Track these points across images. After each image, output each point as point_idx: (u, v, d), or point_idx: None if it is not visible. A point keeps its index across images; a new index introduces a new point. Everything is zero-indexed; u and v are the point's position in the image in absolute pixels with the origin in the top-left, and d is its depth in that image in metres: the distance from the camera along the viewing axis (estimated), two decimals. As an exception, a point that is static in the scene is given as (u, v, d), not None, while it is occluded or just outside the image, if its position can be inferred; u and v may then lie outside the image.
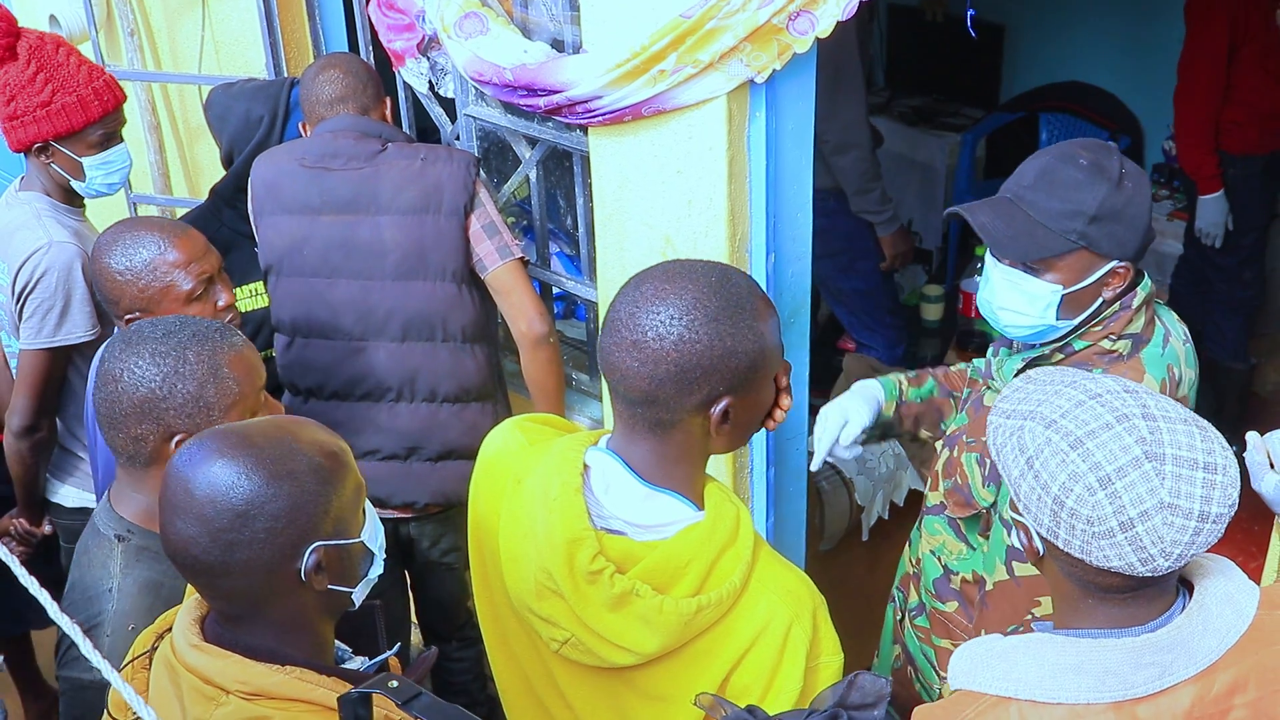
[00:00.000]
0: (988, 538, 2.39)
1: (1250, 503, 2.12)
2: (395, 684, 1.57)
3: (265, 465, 1.59)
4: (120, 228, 2.67)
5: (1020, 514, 1.66)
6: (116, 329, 2.80)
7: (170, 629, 1.74)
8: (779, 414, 1.81)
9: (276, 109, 3.32)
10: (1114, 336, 2.22)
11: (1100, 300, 2.22)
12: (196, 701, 1.62)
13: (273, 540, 1.58)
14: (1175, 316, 2.35)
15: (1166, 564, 1.53)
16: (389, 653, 1.79)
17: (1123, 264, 2.19)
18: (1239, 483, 1.55)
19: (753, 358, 1.70)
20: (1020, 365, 2.30)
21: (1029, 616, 2.31)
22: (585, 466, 1.80)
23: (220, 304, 2.65)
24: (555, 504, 1.74)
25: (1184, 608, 1.62)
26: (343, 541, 1.66)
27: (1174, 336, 2.28)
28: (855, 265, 4.70)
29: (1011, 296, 2.25)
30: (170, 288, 2.58)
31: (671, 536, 1.75)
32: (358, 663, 1.78)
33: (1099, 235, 2.16)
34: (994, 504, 2.33)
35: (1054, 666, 1.60)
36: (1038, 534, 1.63)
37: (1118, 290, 2.21)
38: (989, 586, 2.38)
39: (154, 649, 1.75)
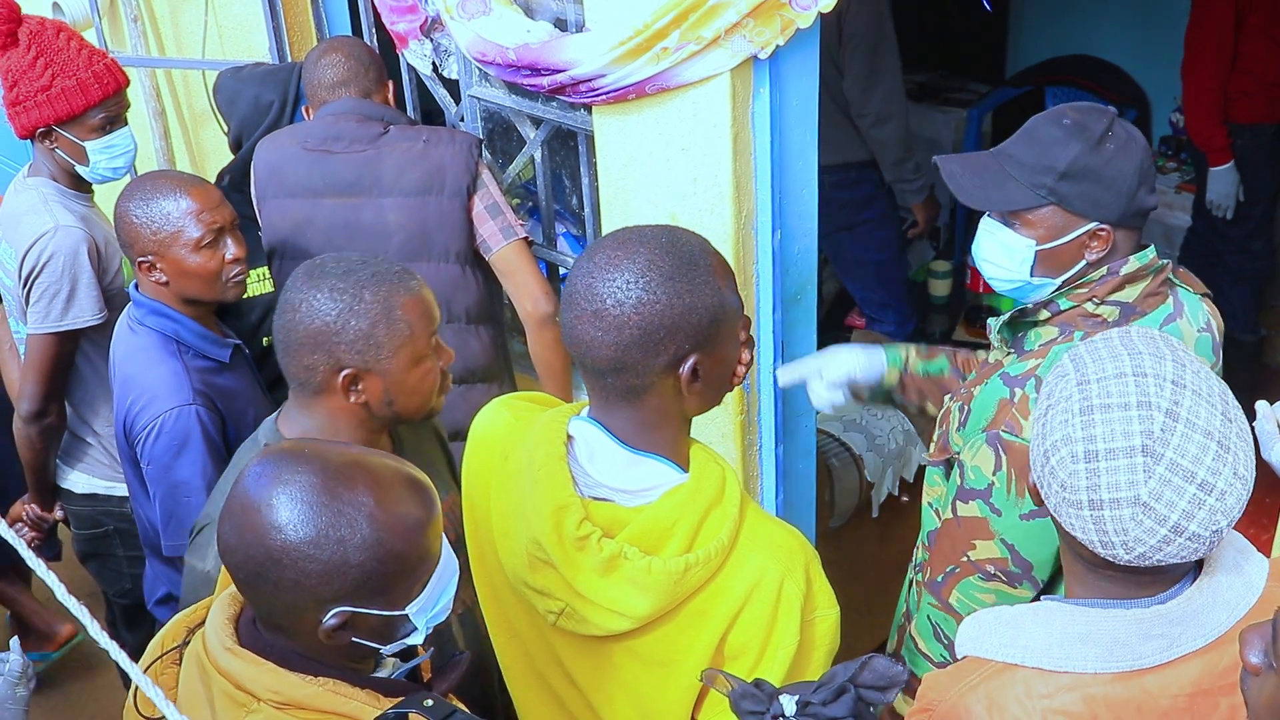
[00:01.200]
0: None
1: (1262, 474, 2.11)
2: (430, 703, 1.56)
3: (319, 521, 1.51)
4: (143, 177, 2.77)
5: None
6: (124, 312, 2.82)
7: (202, 623, 1.72)
8: (741, 370, 1.82)
9: (286, 94, 3.32)
10: (1098, 300, 2.20)
11: (1083, 263, 2.20)
12: (227, 706, 1.60)
13: (297, 591, 1.53)
14: (1204, 307, 2.31)
15: (1127, 557, 1.51)
16: (423, 657, 1.74)
17: (1103, 227, 2.17)
18: (1234, 511, 1.51)
19: (713, 312, 1.71)
20: (1005, 319, 2.30)
21: (965, 558, 2.30)
22: (569, 437, 1.81)
23: (229, 256, 2.72)
24: (540, 474, 1.76)
25: (1194, 580, 1.62)
26: (377, 612, 1.57)
27: (1185, 319, 2.24)
28: (874, 235, 4.76)
29: (991, 247, 2.27)
30: (180, 233, 2.66)
31: (656, 499, 1.76)
32: (389, 667, 1.73)
33: (1070, 193, 2.15)
34: (960, 450, 2.34)
35: (1062, 635, 1.59)
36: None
37: (1100, 254, 2.19)
38: (938, 525, 2.40)
39: (185, 643, 1.72)
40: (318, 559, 1.51)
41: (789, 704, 1.53)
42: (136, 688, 1.72)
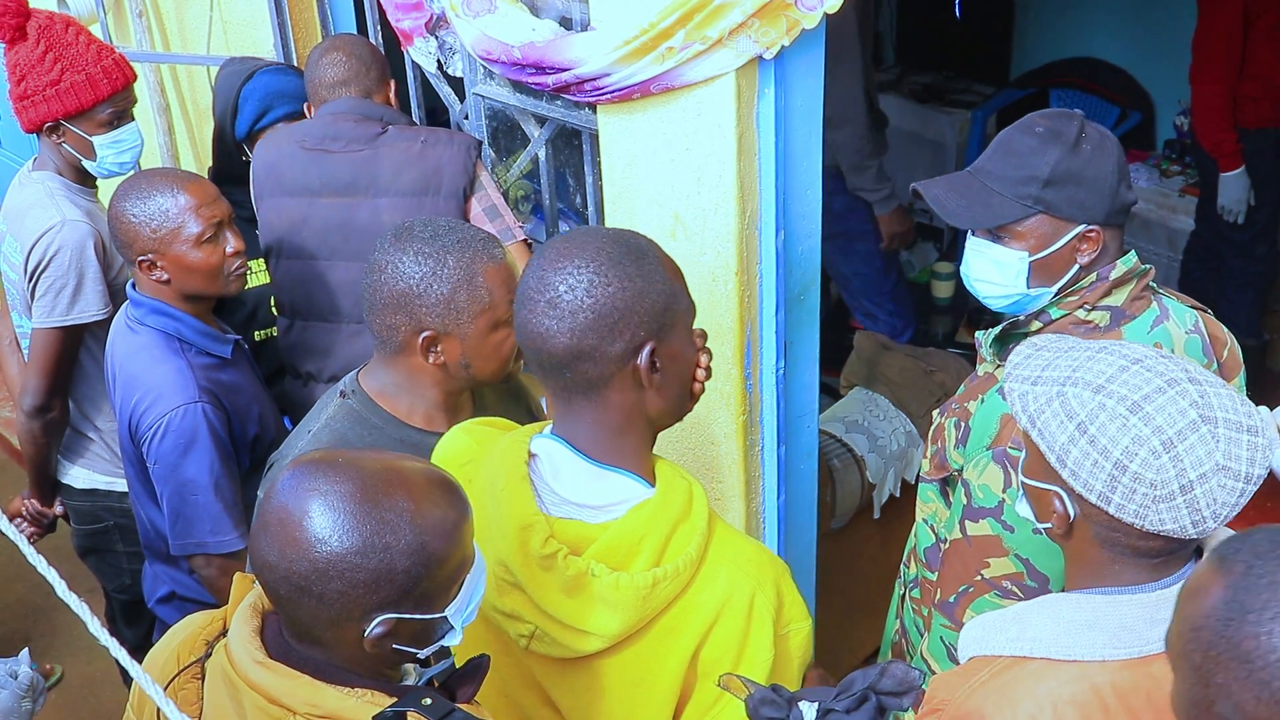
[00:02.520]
0: None
1: (1265, 481, 2.11)
2: (429, 701, 1.54)
3: (363, 530, 1.50)
4: (136, 176, 2.77)
5: (1042, 481, 1.66)
6: (121, 311, 2.82)
7: (220, 635, 1.70)
8: (701, 373, 1.82)
9: (229, 97, 3.31)
10: (1089, 306, 2.21)
11: (1076, 267, 2.21)
12: None
13: (343, 602, 1.51)
14: (1187, 311, 2.31)
15: (1214, 525, 1.56)
16: (445, 663, 1.73)
17: (1091, 228, 2.18)
18: (1271, 446, 1.57)
19: (666, 298, 1.72)
20: (997, 332, 2.31)
21: (978, 577, 2.31)
22: (532, 455, 1.80)
23: (229, 250, 2.73)
24: (502, 494, 1.75)
25: (1195, 566, 1.63)
26: (420, 616, 1.57)
27: (1172, 322, 2.25)
28: (854, 247, 4.66)
29: (983, 267, 2.27)
30: (180, 229, 2.66)
31: (623, 515, 1.74)
32: (413, 676, 1.71)
33: (1056, 199, 2.17)
34: (961, 467, 2.33)
35: (1069, 624, 1.59)
36: (1076, 500, 1.62)
37: (1092, 255, 2.20)
38: (946, 545, 2.40)
39: (206, 656, 1.69)
40: (365, 568, 1.50)
41: (809, 711, 1.53)
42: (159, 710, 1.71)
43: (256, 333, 3.33)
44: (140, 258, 2.68)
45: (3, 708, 2.25)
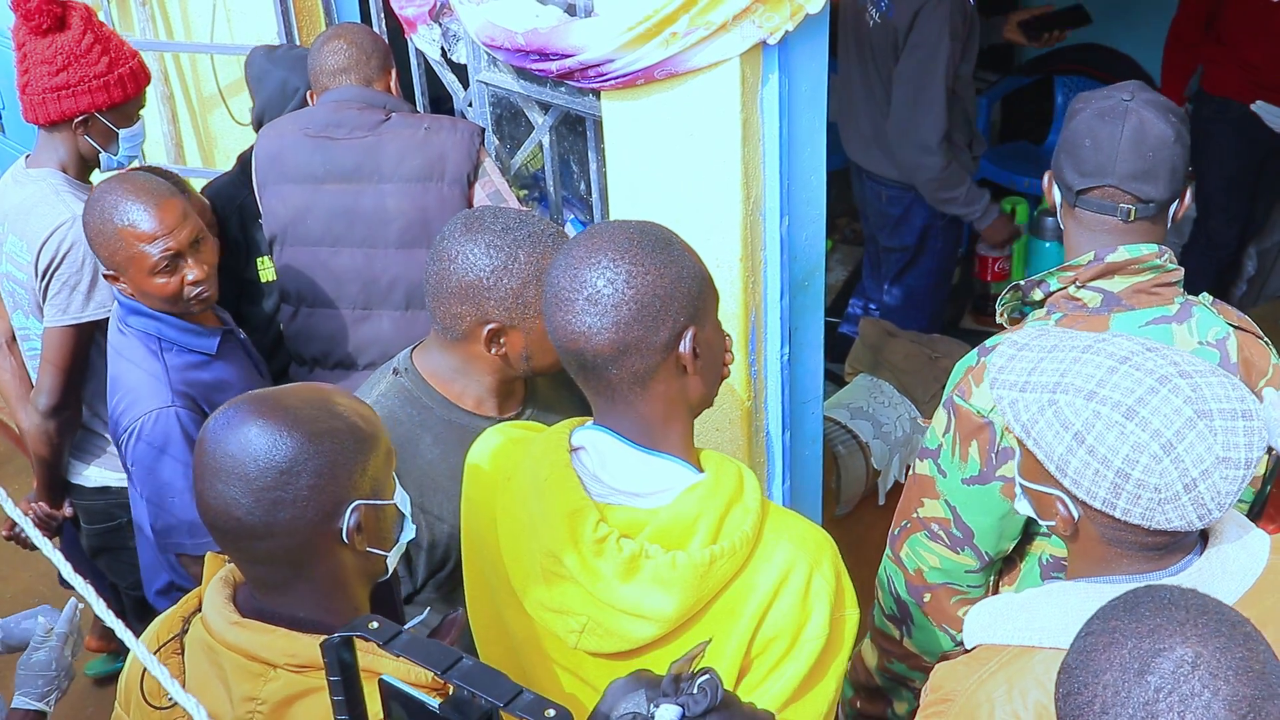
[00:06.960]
0: None
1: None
2: (375, 624, 1.56)
3: (304, 425, 1.59)
4: (108, 185, 2.71)
5: (1042, 485, 1.66)
6: (114, 308, 2.80)
7: (196, 611, 1.72)
8: (728, 356, 1.83)
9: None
10: (1079, 284, 2.18)
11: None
12: (243, 679, 1.61)
13: (316, 497, 1.59)
14: (1217, 323, 2.18)
15: (1219, 514, 1.56)
16: (420, 617, 1.77)
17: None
18: (1264, 427, 1.57)
19: (700, 281, 1.73)
20: (1005, 298, 2.33)
21: (915, 514, 2.34)
22: (576, 448, 1.78)
23: (189, 279, 2.68)
24: (546, 484, 1.73)
25: (1200, 553, 1.63)
26: (381, 502, 1.67)
27: (1185, 327, 2.15)
28: (919, 261, 4.62)
29: None
30: (133, 258, 2.64)
31: (675, 497, 1.72)
32: None
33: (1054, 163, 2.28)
34: None
35: (1078, 613, 1.59)
36: (1079, 504, 1.62)
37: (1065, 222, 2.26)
38: None
39: (183, 632, 1.73)
40: (321, 453, 1.59)
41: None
42: (142, 677, 1.73)
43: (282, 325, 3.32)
44: (105, 271, 2.70)
45: (39, 663, 2.30)
